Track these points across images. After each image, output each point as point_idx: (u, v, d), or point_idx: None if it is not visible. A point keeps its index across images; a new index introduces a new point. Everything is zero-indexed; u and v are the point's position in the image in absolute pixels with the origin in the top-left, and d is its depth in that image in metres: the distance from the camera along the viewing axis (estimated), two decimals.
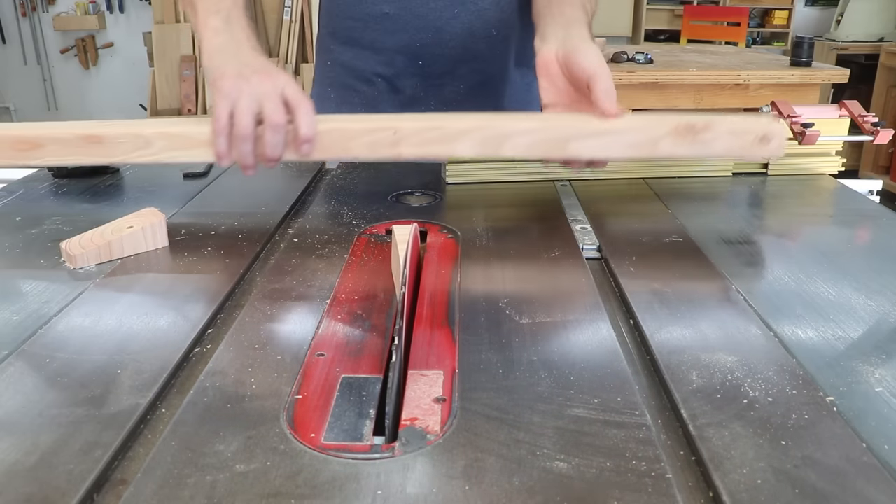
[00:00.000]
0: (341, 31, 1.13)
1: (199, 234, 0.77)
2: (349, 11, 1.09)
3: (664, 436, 0.44)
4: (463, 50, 1.07)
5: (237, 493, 0.38)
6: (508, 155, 0.79)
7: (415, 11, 1.05)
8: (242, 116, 0.70)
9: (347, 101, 1.15)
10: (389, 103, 1.13)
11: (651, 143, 0.76)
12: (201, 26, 0.80)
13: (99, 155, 0.79)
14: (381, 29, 1.07)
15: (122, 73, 4.84)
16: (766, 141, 0.76)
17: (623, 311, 0.61)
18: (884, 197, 0.96)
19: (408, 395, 0.47)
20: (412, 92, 1.11)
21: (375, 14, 1.06)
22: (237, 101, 0.71)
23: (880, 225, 0.81)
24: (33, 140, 0.79)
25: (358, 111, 1.14)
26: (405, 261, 0.59)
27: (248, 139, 0.71)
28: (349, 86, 1.14)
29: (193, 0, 0.83)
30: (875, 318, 0.58)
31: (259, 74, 0.72)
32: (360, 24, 1.09)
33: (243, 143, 0.71)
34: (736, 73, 2.53)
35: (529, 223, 0.80)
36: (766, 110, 0.97)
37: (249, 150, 0.72)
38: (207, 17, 0.80)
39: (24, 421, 0.44)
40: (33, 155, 0.80)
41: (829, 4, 5.09)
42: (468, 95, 1.11)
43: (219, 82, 0.72)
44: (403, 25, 1.06)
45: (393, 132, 0.77)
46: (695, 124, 0.75)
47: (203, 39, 0.79)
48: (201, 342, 0.55)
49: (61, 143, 0.79)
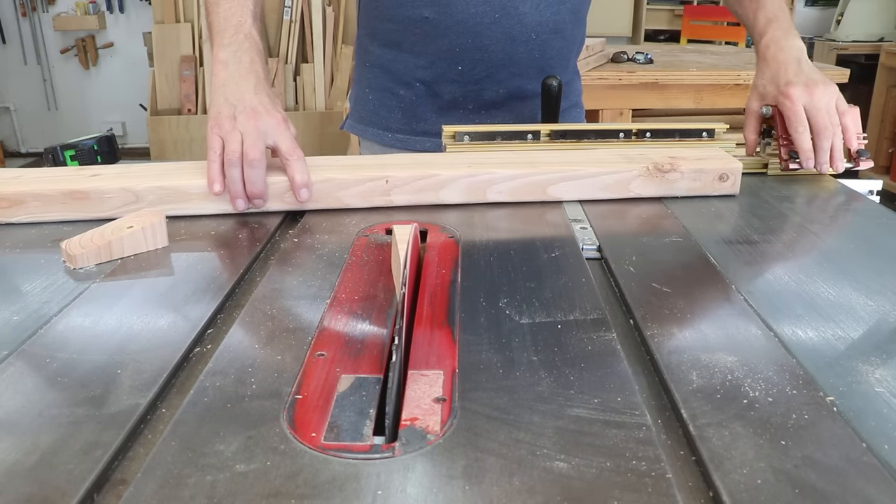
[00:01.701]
0: (381, 34, 1.13)
1: (199, 234, 0.77)
2: (389, 14, 1.10)
3: (664, 436, 0.44)
4: (503, 55, 1.07)
5: (237, 493, 0.38)
6: (493, 200, 0.85)
7: (455, 17, 1.05)
8: (230, 144, 0.79)
9: (385, 105, 1.16)
10: (428, 108, 1.13)
11: (623, 184, 0.86)
12: (213, 56, 0.88)
13: (85, 211, 0.79)
14: (421, 33, 1.08)
15: (122, 73, 4.84)
16: (724, 179, 0.88)
17: (623, 311, 0.61)
18: (884, 197, 0.96)
19: (408, 395, 0.47)
20: (451, 97, 1.12)
21: (416, 18, 1.07)
22: (227, 136, 0.79)
23: (880, 225, 0.81)
24: (13, 198, 0.78)
25: (396, 115, 1.16)
26: (405, 261, 0.59)
27: (237, 164, 0.79)
28: (388, 89, 1.15)
29: (211, 24, 0.91)
30: (875, 318, 0.58)
31: (248, 116, 0.80)
32: (399, 27, 1.09)
33: (232, 167, 0.78)
34: (736, 73, 2.53)
35: (529, 223, 0.80)
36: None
37: (238, 176, 0.79)
38: (219, 49, 0.87)
39: (24, 421, 0.44)
40: (13, 213, 0.78)
41: (829, 4, 5.09)
42: (507, 99, 1.12)
43: (214, 120, 0.81)
44: (443, 30, 1.06)
45: (385, 181, 0.83)
46: (662, 165, 0.86)
47: (213, 70, 0.87)
48: (201, 342, 0.55)
49: (44, 199, 0.78)
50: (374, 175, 0.83)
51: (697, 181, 0.87)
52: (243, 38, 0.87)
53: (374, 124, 1.18)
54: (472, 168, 0.84)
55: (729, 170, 0.87)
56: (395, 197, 0.84)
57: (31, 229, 0.78)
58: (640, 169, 0.85)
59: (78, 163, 1.01)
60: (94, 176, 0.81)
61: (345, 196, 0.83)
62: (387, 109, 1.16)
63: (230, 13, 0.89)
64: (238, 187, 0.79)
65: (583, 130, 0.97)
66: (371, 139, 1.19)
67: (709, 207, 0.85)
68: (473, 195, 0.84)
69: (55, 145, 1.00)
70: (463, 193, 0.84)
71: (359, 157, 0.92)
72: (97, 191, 0.79)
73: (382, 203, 0.84)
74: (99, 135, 1.05)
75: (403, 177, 0.83)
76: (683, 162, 0.87)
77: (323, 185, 0.82)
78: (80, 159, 1.01)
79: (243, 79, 0.84)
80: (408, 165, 0.85)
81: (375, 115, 1.18)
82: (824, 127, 0.92)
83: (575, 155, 0.92)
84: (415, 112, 1.14)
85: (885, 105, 4.20)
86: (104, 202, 0.79)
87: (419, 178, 0.83)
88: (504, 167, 0.85)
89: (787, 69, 0.95)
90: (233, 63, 0.85)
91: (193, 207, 0.81)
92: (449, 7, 1.04)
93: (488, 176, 0.84)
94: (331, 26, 3.98)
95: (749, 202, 0.87)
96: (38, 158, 4.69)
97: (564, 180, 0.85)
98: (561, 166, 0.85)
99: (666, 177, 0.86)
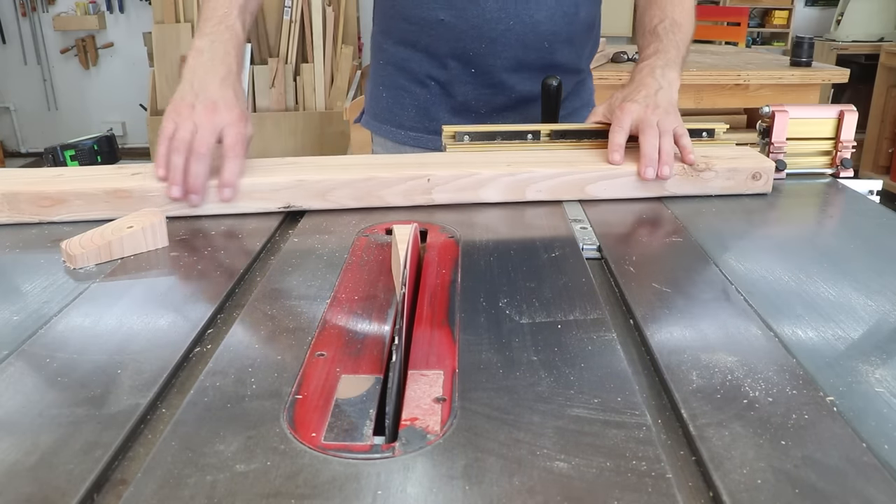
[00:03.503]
0: (396, 33, 1.14)
1: (199, 234, 0.77)
2: (404, 14, 1.11)
3: (664, 436, 0.44)
4: (515, 61, 1.08)
5: (237, 493, 0.38)
6: (531, 198, 0.86)
7: (470, 21, 1.06)
8: (180, 131, 0.79)
9: (399, 102, 1.16)
10: (442, 107, 1.14)
11: (659, 183, 0.87)
12: (193, 41, 0.87)
13: (128, 209, 0.78)
14: (436, 35, 1.09)
15: (122, 73, 4.83)
16: (757, 177, 0.89)
17: (623, 310, 0.61)
18: (884, 197, 0.96)
19: (408, 395, 0.47)
20: (463, 98, 1.12)
21: (431, 20, 1.08)
22: (181, 123, 0.80)
23: (880, 225, 0.81)
24: (56, 196, 0.78)
25: (409, 112, 1.16)
26: (405, 261, 0.59)
27: (181, 152, 0.78)
28: (402, 87, 1.15)
29: (200, 11, 0.91)
30: (875, 318, 0.58)
31: (206, 108, 0.80)
32: (415, 27, 1.10)
33: (175, 154, 0.78)
34: (736, 73, 2.53)
35: (529, 223, 0.80)
36: (767, 111, 0.97)
37: (179, 164, 0.78)
38: (198, 37, 0.87)
39: (24, 421, 0.44)
40: (55, 211, 0.79)
41: (829, 4, 5.09)
42: (519, 103, 1.13)
43: (174, 104, 0.82)
44: (458, 34, 1.07)
45: (426, 179, 0.84)
46: (697, 164, 0.87)
47: (188, 56, 0.86)
48: (201, 342, 0.55)
49: (87, 198, 0.79)
50: (415, 174, 0.83)
51: (731, 180, 0.88)
52: (224, 30, 0.87)
53: (388, 121, 1.19)
54: (512, 167, 0.85)
55: (762, 168, 0.88)
56: (437, 195, 0.84)
57: (32, 229, 0.78)
58: (676, 168, 0.86)
59: (78, 163, 1.01)
60: (135, 175, 0.82)
61: (387, 195, 0.83)
62: (400, 107, 1.17)
63: (218, 3, 0.89)
64: (177, 175, 0.78)
65: (583, 130, 0.97)
66: (384, 136, 1.20)
67: (709, 207, 0.85)
68: (513, 194, 0.85)
69: (55, 145, 1.00)
70: (502, 192, 0.85)
71: (395, 157, 0.92)
72: (141, 189, 0.79)
73: (424, 202, 0.84)
74: (99, 135, 1.05)
75: (444, 175, 0.84)
76: (717, 161, 0.88)
77: (364, 183, 0.82)
78: (80, 159, 1.01)
79: (213, 69, 0.84)
80: (447, 164, 0.86)
81: (389, 112, 1.19)
82: (649, 129, 0.86)
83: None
84: (428, 111, 1.15)
85: (885, 105, 4.20)
86: (147, 200, 0.79)
87: (460, 176, 0.84)
88: (543, 166, 0.85)
89: (641, 91, 0.92)
90: (207, 52, 0.85)
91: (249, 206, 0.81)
92: (464, 11, 1.05)
93: (528, 175, 0.84)
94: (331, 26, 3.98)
95: (749, 202, 0.87)
96: (38, 158, 4.69)
97: (602, 179, 0.86)
98: (599, 165, 0.87)
99: (701, 175, 0.87)
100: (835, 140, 0.98)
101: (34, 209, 0.78)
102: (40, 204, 0.78)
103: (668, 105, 0.90)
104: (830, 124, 0.97)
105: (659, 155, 0.86)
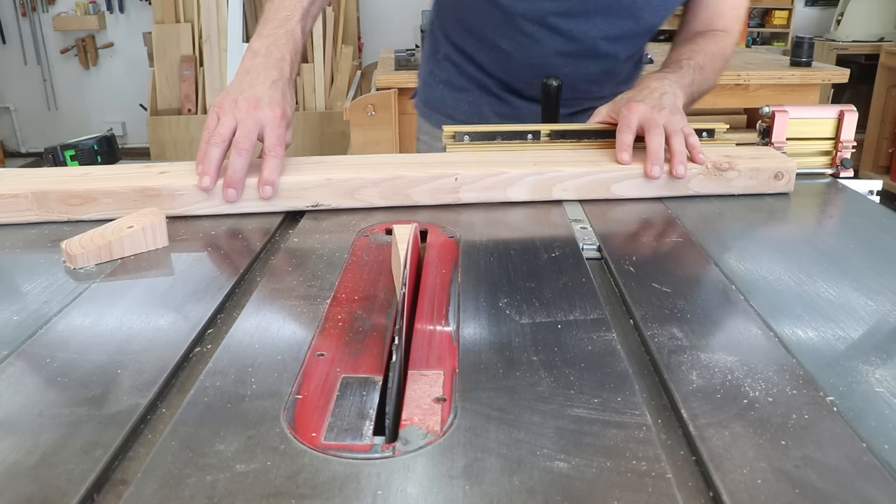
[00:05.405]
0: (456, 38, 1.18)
1: (199, 234, 0.77)
2: (468, 26, 1.14)
3: (664, 436, 0.44)
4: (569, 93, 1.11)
5: (237, 492, 0.38)
6: (558, 198, 0.86)
7: (531, 60, 1.11)
8: (220, 127, 0.80)
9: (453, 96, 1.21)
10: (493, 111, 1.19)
11: (683, 182, 0.87)
12: (251, 41, 0.88)
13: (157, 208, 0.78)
14: (494, 58, 1.14)
15: (122, 73, 4.84)
16: (780, 177, 0.89)
17: (623, 311, 0.61)
18: (884, 197, 0.96)
19: (408, 395, 0.47)
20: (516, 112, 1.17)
21: (491, 44, 1.12)
22: (223, 117, 0.80)
23: (880, 225, 0.81)
24: (85, 195, 0.78)
25: (462, 107, 1.20)
26: (405, 261, 0.59)
27: (219, 145, 0.79)
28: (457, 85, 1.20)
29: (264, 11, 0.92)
30: (875, 318, 0.58)
31: (248, 103, 0.80)
32: (477, 43, 1.15)
33: (213, 147, 0.79)
34: (736, 73, 2.53)
35: (529, 223, 0.80)
36: (767, 111, 0.97)
37: (215, 156, 0.79)
38: (255, 38, 0.88)
39: (24, 421, 0.44)
40: (84, 210, 0.79)
41: (829, 4, 5.09)
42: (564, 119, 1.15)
43: (220, 98, 0.82)
44: (514, 64, 1.13)
45: (454, 178, 0.84)
46: (720, 164, 0.87)
47: (244, 56, 0.87)
48: (201, 342, 0.55)
49: (115, 196, 0.79)
50: (443, 172, 0.83)
51: (753, 179, 0.88)
52: (283, 34, 0.87)
53: (439, 111, 1.23)
54: (539, 166, 0.85)
55: (784, 168, 0.88)
56: (464, 194, 0.84)
57: (32, 229, 0.78)
58: (699, 167, 0.87)
59: (78, 163, 1.01)
60: (163, 173, 0.82)
61: (415, 193, 0.83)
62: (454, 101, 1.20)
63: (282, 5, 0.90)
64: (211, 165, 0.79)
65: (583, 130, 0.97)
66: (434, 124, 1.23)
67: (710, 207, 0.85)
68: (540, 193, 0.85)
69: (55, 145, 1.00)
70: (529, 191, 0.85)
71: (420, 156, 0.93)
72: (169, 188, 0.79)
73: (451, 200, 0.84)
74: (99, 135, 1.05)
75: (472, 174, 0.84)
76: (740, 160, 0.88)
77: (393, 182, 0.82)
78: (80, 159, 1.01)
79: (266, 72, 0.84)
80: (473, 164, 0.86)
81: (442, 103, 1.22)
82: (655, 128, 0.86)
83: None
84: (481, 112, 1.18)
85: (885, 105, 4.20)
86: (176, 199, 0.79)
87: (487, 175, 0.84)
88: (569, 165, 0.86)
89: (646, 93, 0.92)
90: (262, 55, 0.85)
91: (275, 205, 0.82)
92: (524, 48, 1.09)
93: (555, 174, 0.85)
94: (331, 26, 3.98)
95: (749, 203, 0.87)
96: (38, 158, 4.69)
97: (629, 178, 0.86)
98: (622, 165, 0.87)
99: (724, 175, 0.87)
100: (835, 140, 0.98)
101: (63, 208, 0.79)
102: (69, 202, 0.78)
103: (674, 107, 0.91)
104: (830, 124, 0.98)
105: (672, 154, 0.86)
